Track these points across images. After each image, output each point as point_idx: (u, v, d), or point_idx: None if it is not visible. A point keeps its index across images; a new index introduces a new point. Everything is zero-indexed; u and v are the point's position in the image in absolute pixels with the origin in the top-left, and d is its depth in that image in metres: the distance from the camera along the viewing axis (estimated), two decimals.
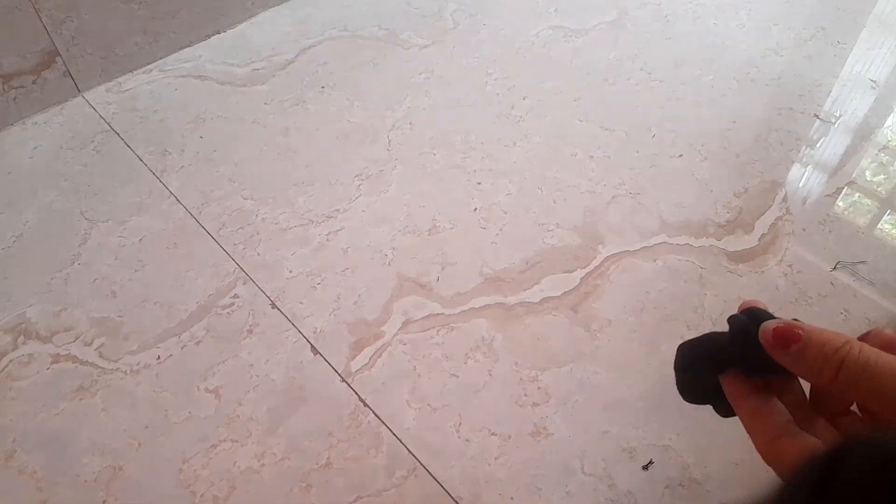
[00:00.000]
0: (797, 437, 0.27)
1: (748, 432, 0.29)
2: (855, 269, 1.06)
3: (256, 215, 1.13)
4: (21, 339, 0.97)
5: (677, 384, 0.34)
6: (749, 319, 0.30)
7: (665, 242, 1.09)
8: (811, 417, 0.30)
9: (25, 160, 1.23)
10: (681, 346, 0.33)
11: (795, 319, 0.28)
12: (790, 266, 1.06)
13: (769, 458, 0.28)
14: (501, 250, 1.08)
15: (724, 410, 0.32)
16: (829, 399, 0.31)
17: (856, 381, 0.24)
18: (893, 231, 1.13)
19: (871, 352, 0.24)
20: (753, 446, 0.29)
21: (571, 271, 1.05)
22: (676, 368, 0.33)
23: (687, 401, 0.34)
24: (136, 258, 1.07)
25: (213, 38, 1.48)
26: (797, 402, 0.30)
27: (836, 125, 1.30)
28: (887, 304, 1.02)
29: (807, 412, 0.30)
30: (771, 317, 0.29)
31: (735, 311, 0.31)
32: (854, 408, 0.31)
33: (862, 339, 0.27)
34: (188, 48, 1.45)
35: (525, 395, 0.91)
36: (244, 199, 1.16)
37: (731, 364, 0.31)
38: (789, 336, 0.26)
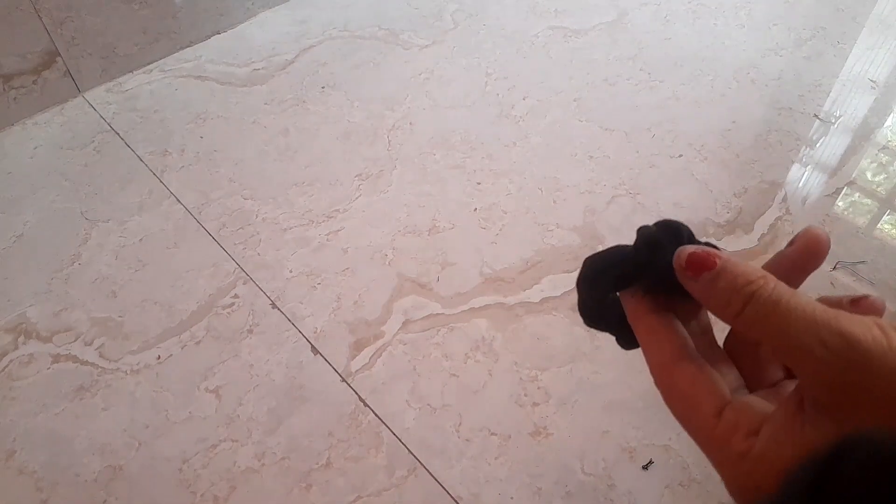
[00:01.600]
0: (695, 363, 0.25)
1: (644, 354, 0.27)
2: (855, 269, 1.06)
3: (256, 215, 1.13)
4: (21, 339, 0.97)
5: (578, 303, 0.30)
6: (659, 232, 0.27)
7: None
8: (713, 349, 0.28)
9: (26, 160, 1.23)
10: (586, 259, 0.29)
11: (714, 246, 0.25)
12: None
13: (661, 383, 0.26)
14: (501, 250, 1.08)
15: (626, 340, 0.30)
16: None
17: (763, 320, 0.22)
18: (893, 231, 1.13)
19: (785, 290, 0.22)
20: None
21: (571, 271, 1.05)
22: (577, 283, 0.30)
23: (587, 324, 0.31)
24: (136, 258, 1.07)
25: (213, 38, 1.48)
26: (701, 331, 0.28)
27: (835, 125, 1.31)
28: (887, 304, 1.02)
29: (710, 343, 0.28)
30: (690, 237, 0.27)
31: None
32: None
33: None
34: (188, 48, 1.46)
35: (525, 395, 0.91)
36: (244, 199, 1.16)
37: (634, 280, 0.28)
38: (703, 262, 0.24)
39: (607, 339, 1.01)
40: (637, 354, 0.29)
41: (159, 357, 0.95)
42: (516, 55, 1.45)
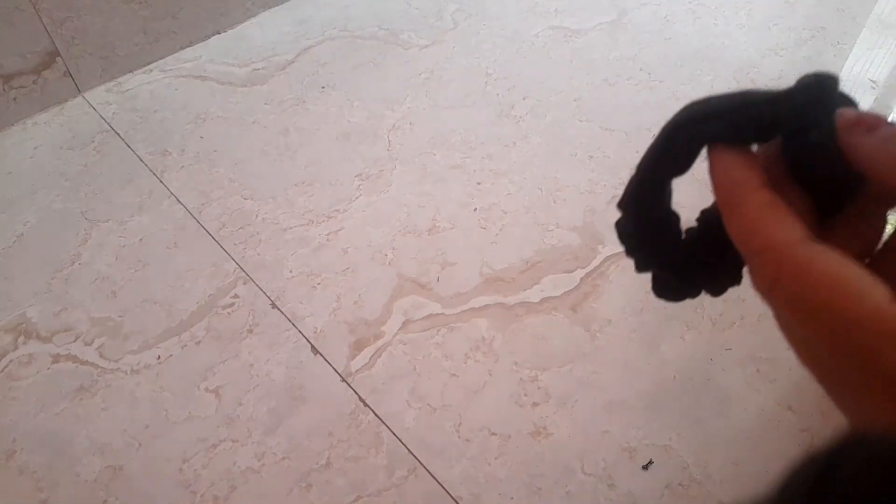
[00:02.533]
0: (833, 247, 0.20)
1: (749, 237, 0.21)
2: None
3: (256, 215, 1.13)
4: (21, 339, 0.97)
5: (643, 172, 0.23)
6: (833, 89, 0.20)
7: None
8: None
9: (26, 160, 1.23)
10: (697, 101, 0.22)
11: None
12: None
13: (790, 264, 0.20)
14: (501, 250, 1.08)
15: (679, 267, 0.23)
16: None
17: None
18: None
19: None
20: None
21: (571, 271, 1.05)
22: (670, 127, 0.22)
23: (637, 212, 0.23)
24: (136, 258, 1.07)
25: (213, 38, 1.48)
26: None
27: None
28: None
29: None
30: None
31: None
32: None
33: None
34: (188, 48, 1.45)
35: (525, 395, 0.91)
36: (244, 199, 1.16)
37: (767, 136, 0.21)
38: (876, 119, 0.19)
39: (607, 339, 1.00)
40: (637, 354, 0.29)
41: (159, 357, 0.95)
42: (516, 55, 1.45)
